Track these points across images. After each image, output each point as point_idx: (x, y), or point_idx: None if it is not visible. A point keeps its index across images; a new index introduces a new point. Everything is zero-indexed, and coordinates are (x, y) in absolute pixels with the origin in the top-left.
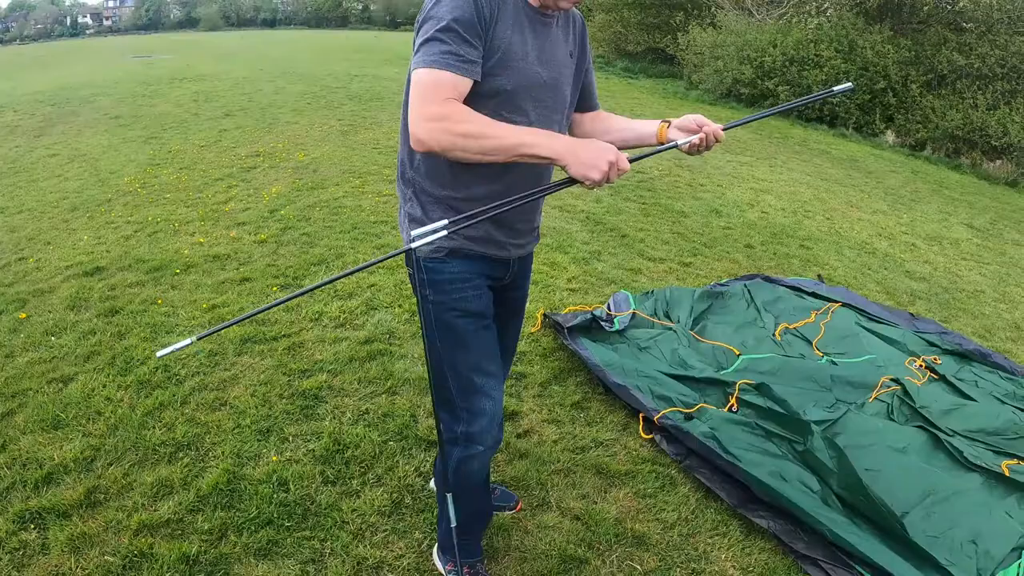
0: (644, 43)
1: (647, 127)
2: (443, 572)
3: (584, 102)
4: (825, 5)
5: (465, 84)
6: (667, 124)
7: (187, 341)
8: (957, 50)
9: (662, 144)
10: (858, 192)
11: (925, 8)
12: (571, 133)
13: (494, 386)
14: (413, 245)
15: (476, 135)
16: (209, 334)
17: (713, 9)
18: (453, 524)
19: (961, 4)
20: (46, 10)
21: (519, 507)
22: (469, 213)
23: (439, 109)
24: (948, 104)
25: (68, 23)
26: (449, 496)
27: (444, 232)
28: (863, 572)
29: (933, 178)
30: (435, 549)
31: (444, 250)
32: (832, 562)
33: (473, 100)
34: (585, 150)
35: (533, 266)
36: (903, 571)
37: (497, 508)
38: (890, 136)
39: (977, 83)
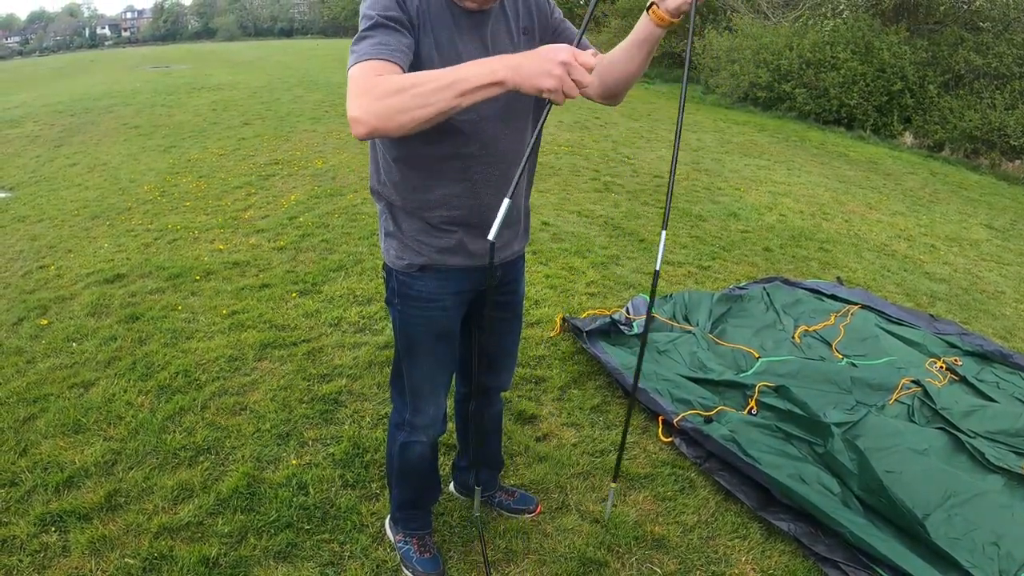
0: (660, 48)
1: (638, 27)
2: (393, 540)
3: None
4: (841, 7)
5: (391, 68)
6: (653, 4)
7: None
8: (974, 50)
9: (660, 26)
10: (876, 194)
11: (941, 8)
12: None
13: (440, 394)
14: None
15: (407, 87)
16: None
17: (729, 13)
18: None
19: (977, 3)
20: (65, 22)
21: (539, 510)
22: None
23: (364, 85)
24: (966, 104)
25: (87, 34)
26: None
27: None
28: (884, 574)
29: (952, 179)
30: (387, 519)
31: (415, 266)
32: (853, 564)
33: None
34: (529, 59)
35: (552, 271)
36: (925, 573)
37: (516, 511)
38: (908, 138)
39: (995, 83)
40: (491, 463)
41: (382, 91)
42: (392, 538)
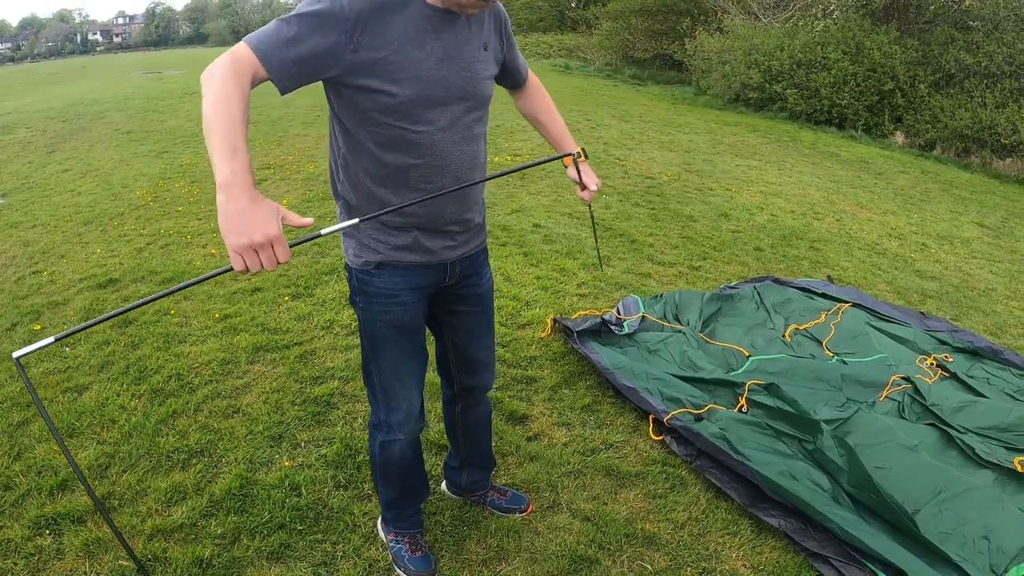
0: (651, 50)
1: (561, 144)
2: (385, 540)
3: (510, 81)
4: (831, 7)
5: (259, 73)
6: (576, 156)
7: (48, 340)
8: (964, 49)
9: (565, 165)
10: (868, 193)
11: (931, 7)
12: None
13: (411, 388)
14: (323, 233)
15: (211, 116)
16: (70, 334)
17: (719, 14)
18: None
19: (967, 3)
20: (56, 28)
21: (530, 509)
22: (376, 213)
23: (229, 70)
24: (957, 103)
25: (78, 40)
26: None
27: (356, 221)
28: (875, 569)
29: (943, 178)
30: (379, 520)
31: (372, 263)
32: (843, 559)
33: (372, 122)
34: (241, 213)
35: (543, 272)
36: (915, 568)
37: (507, 510)
38: (899, 137)
39: (985, 81)
40: (482, 463)
41: (215, 86)
42: (384, 538)
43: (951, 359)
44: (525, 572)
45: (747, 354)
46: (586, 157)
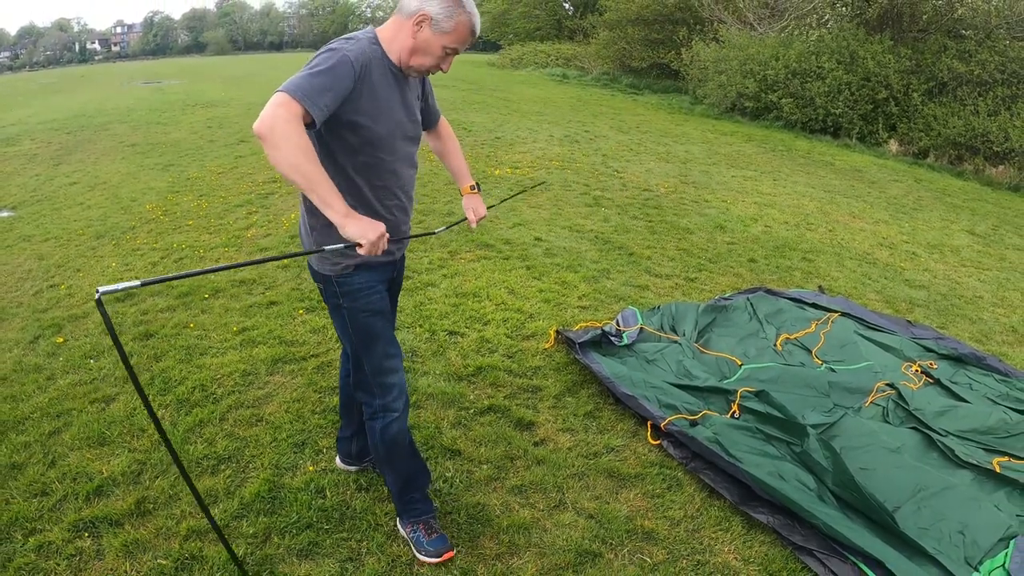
0: (648, 59)
1: (460, 178)
2: (405, 535)
3: (425, 122)
4: (826, 17)
5: (306, 118)
6: (471, 188)
7: (134, 283)
8: (957, 57)
9: (463, 194)
10: (861, 203)
11: (924, 17)
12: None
13: (398, 364)
14: (99, 292)
15: (300, 159)
16: (156, 281)
17: (715, 24)
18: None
19: (960, 12)
20: (55, 37)
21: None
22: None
23: (287, 117)
24: (950, 111)
25: (77, 49)
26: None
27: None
28: (856, 561)
29: (936, 186)
30: (397, 520)
31: (351, 267)
32: (827, 552)
33: (352, 150)
34: (364, 222)
35: (545, 285)
36: (894, 560)
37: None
38: (893, 145)
39: (978, 89)
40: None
41: (292, 137)
42: (403, 532)
43: (936, 366)
44: (535, 565)
45: (740, 363)
46: (479, 190)
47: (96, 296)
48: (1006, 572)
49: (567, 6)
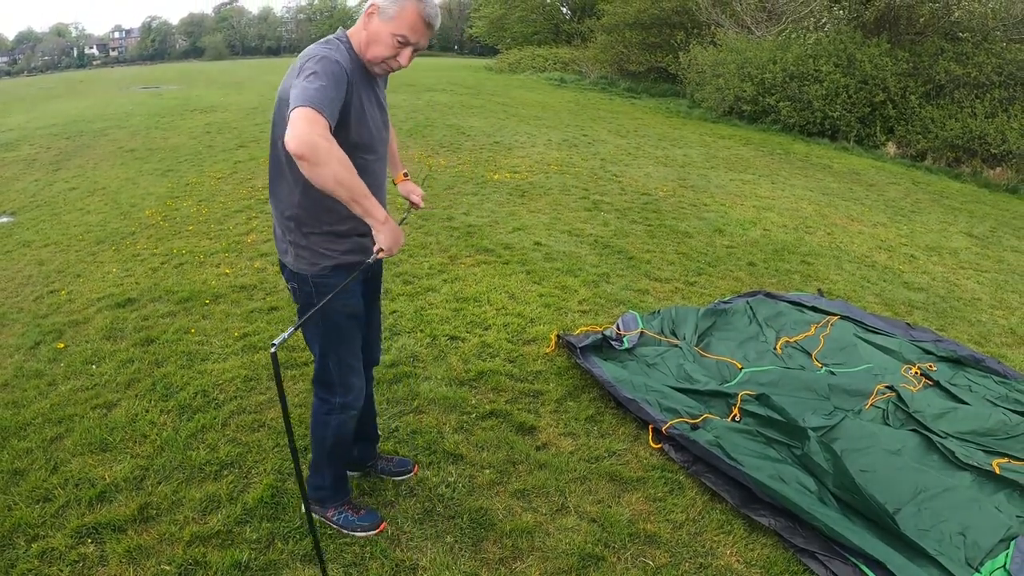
0: (646, 63)
1: (395, 167)
2: (327, 519)
3: None
4: (823, 20)
5: (328, 124)
6: (404, 175)
7: (289, 330)
8: (954, 60)
9: (397, 182)
10: (859, 205)
11: (921, 19)
12: None
13: (359, 367)
14: (274, 346)
15: (341, 171)
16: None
17: (713, 27)
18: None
19: (956, 14)
20: (53, 42)
21: (416, 470)
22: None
23: (320, 130)
24: (947, 114)
25: (75, 54)
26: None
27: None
28: (857, 563)
29: (934, 188)
30: (308, 508)
31: (328, 267)
32: (828, 554)
33: (345, 149)
34: (397, 232)
35: (545, 289)
36: (894, 561)
37: (398, 473)
38: (891, 148)
39: (975, 92)
40: (371, 436)
41: (333, 153)
42: (325, 517)
43: (935, 368)
44: (539, 569)
45: (740, 366)
46: (407, 177)
47: (271, 350)
48: (1007, 573)
49: (564, 10)
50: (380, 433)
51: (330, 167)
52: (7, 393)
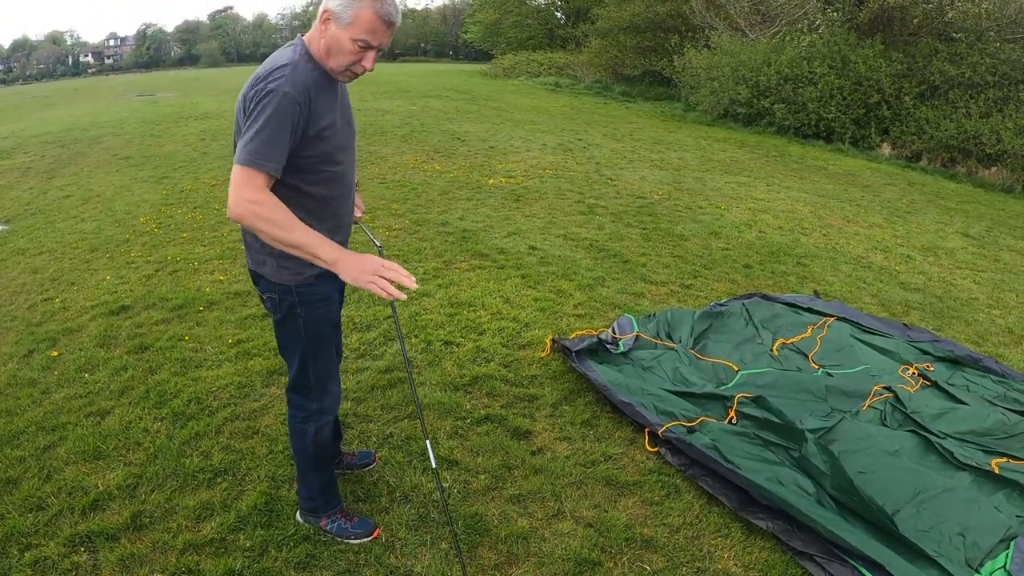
0: (641, 66)
1: None
2: (321, 527)
3: None
4: (817, 22)
5: (268, 181)
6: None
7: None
8: (948, 60)
9: None
10: (855, 207)
11: (915, 20)
12: None
13: (336, 373)
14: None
15: (277, 221)
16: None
17: (707, 31)
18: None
19: (950, 15)
20: (48, 50)
21: (376, 459)
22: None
23: (251, 191)
24: (942, 114)
25: (70, 62)
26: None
27: None
28: (856, 565)
29: (929, 188)
30: (301, 516)
31: (312, 275)
32: (827, 556)
33: (306, 169)
34: (355, 261)
35: (540, 294)
36: (894, 563)
37: (362, 466)
38: (886, 149)
39: (969, 92)
40: (335, 432)
41: (265, 215)
42: (318, 525)
43: (932, 368)
44: (534, 574)
45: (736, 369)
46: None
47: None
48: (1007, 573)
49: (559, 15)
50: (373, 440)
51: (265, 231)
52: (0, 401)
